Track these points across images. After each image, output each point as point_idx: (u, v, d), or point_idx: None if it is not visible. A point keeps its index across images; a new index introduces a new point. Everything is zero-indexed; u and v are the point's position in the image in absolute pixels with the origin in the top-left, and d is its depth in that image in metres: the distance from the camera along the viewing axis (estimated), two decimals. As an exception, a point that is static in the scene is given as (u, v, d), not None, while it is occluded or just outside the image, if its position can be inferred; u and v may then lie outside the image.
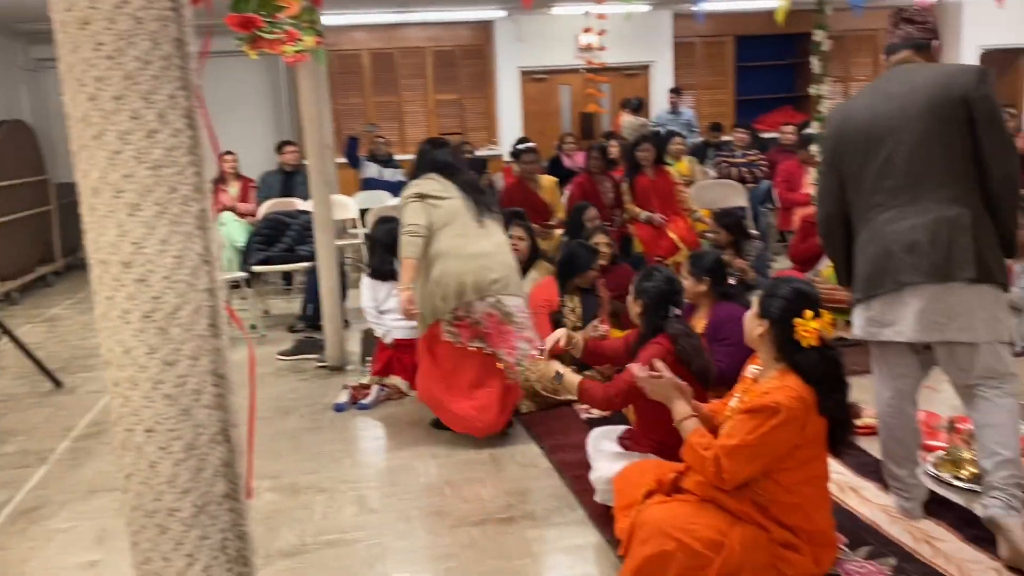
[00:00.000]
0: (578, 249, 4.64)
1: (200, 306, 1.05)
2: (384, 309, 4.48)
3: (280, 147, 7.86)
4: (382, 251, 4.53)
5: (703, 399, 2.75)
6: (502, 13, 10.45)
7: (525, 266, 4.93)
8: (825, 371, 2.30)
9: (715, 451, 2.28)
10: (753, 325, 2.43)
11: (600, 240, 4.94)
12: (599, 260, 4.68)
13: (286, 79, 10.25)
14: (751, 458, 2.25)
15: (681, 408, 2.46)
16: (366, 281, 4.58)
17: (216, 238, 1.09)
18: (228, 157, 7.89)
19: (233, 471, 1.09)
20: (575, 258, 4.56)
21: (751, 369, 2.50)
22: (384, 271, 4.51)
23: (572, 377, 3.05)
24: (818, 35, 5.24)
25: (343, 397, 4.44)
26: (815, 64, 5.29)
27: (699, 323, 3.75)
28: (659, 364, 2.57)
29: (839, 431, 2.36)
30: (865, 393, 4.17)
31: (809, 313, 2.31)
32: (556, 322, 4.33)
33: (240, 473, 1.11)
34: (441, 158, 3.97)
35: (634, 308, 3.15)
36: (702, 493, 2.46)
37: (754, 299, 2.49)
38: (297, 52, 3.06)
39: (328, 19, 9.50)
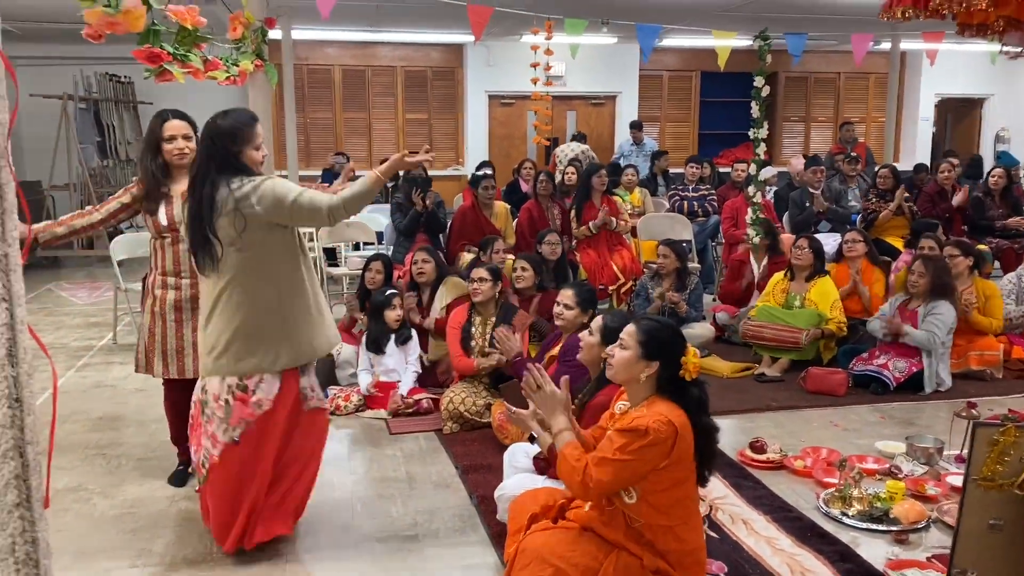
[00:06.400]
0: None
1: (-2, 339, 1.16)
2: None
3: None
4: None
5: None
6: (472, 38, 10.69)
7: (434, 285, 5.13)
8: (699, 399, 2.45)
9: (585, 461, 2.40)
10: (637, 368, 2.46)
11: (519, 265, 5.10)
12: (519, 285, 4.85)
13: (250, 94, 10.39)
14: (616, 471, 2.36)
15: (560, 421, 2.55)
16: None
17: (19, 278, 1.19)
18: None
19: (26, 483, 1.20)
20: None
21: (619, 405, 2.61)
22: None
23: (546, 439, 2.82)
24: (757, 81, 5.43)
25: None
26: (754, 108, 5.48)
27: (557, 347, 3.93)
28: (539, 374, 2.58)
29: (703, 458, 2.47)
30: (777, 428, 4.34)
31: (692, 350, 2.45)
32: (466, 338, 4.50)
33: (35, 485, 1.22)
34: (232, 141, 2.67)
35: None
36: (582, 522, 2.58)
37: (623, 337, 2.50)
38: (228, 77, 3.19)
39: (301, 34, 9.64)
